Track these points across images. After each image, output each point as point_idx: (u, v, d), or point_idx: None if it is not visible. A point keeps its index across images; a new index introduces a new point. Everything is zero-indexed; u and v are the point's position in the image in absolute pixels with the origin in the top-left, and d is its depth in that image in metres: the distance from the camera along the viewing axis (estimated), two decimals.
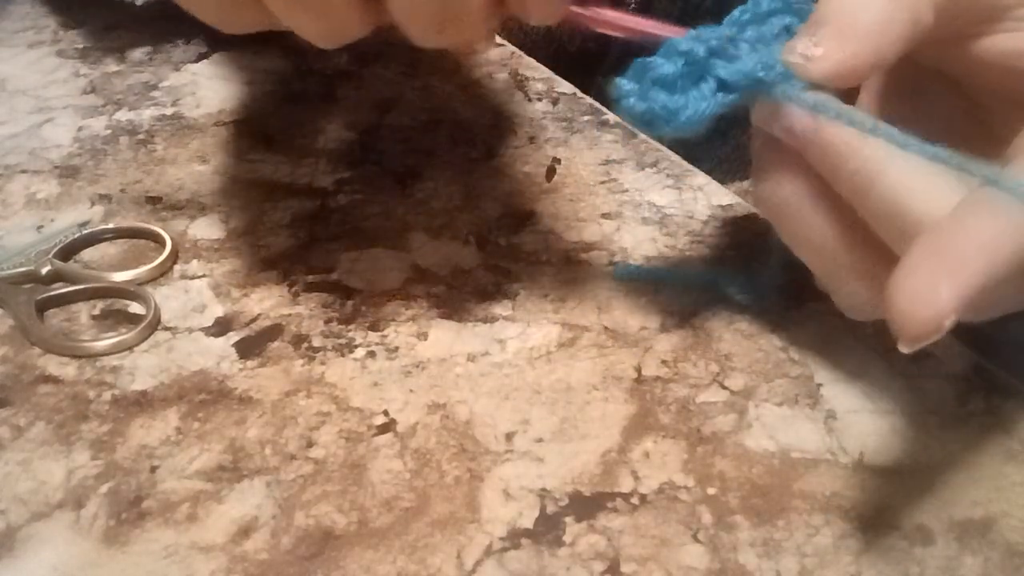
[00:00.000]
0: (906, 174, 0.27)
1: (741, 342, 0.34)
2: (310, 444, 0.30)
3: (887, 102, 0.34)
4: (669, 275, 0.36)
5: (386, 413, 0.31)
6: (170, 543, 0.27)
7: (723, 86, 0.29)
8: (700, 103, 0.29)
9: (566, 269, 0.37)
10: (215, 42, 0.50)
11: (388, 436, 0.30)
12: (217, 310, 0.35)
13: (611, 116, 0.45)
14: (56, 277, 0.36)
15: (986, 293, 0.24)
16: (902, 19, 0.28)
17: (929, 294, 0.24)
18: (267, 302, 0.35)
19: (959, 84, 0.32)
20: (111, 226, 0.38)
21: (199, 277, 0.36)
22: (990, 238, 0.24)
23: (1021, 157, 0.26)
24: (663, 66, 0.29)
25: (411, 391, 0.32)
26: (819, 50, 0.28)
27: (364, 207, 0.40)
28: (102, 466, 0.29)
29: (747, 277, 0.35)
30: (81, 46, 0.50)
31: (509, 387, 0.32)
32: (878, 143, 0.27)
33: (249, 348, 0.33)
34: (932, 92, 0.33)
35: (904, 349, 0.25)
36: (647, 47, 0.30)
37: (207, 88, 0.47)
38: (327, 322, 0.34)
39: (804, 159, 0.29)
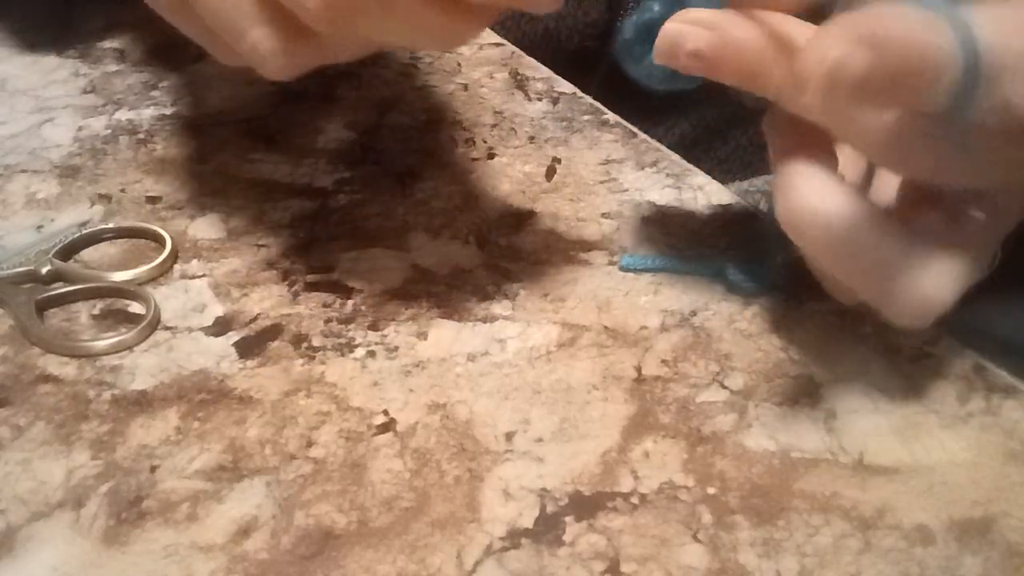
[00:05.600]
0: None
1: (741, 342, 0.34)
2: (310, 444, 0.30)
3: None
4: (673, 266, 0.36)
5: (386, 413, 0.31)
6: (170, 543, 0.27)
7: None
8: None
9: (566, 269, 0.37)
10: None
11: (388, 436, 0.30)
12: (217, 310, 0.35)
13: (611, 116, 0.45)
14: (56, 277, 0.36)
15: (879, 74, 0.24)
16: None
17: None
18: (267, 302, 0.35)
19: None
20: (111, 226, 0.38)
21: (199, 277, 0.36)
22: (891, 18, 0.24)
23: None
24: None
25: (411, 391, 0.32)
26: None
27: (364, 207, 0.40)
28: (102, 466, 0.29)
29: (752, 266, 0.35)
30: (81, 46, 0.50)
31: (509, 387, 0.32)
32: None
33: (249, 348, 0.33)
34: None
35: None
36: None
37: (207, 88, 0.47)
38: (327, 322, 0.34)
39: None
